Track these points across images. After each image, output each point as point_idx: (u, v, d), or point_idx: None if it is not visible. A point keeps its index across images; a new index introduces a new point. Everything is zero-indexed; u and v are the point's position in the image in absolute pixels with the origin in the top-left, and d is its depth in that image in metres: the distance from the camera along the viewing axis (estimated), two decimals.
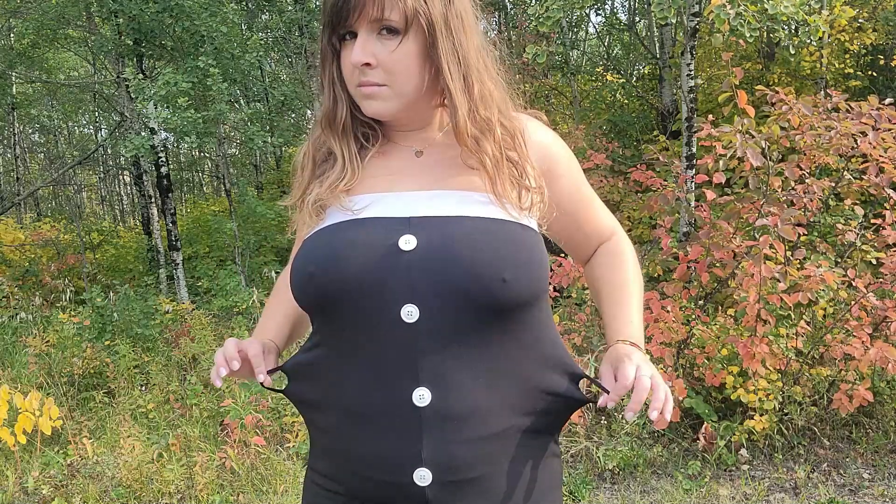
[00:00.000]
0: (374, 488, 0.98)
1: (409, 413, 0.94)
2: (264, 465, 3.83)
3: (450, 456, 0.95)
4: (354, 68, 0.98)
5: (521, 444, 1.00)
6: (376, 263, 0.94)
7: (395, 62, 0.97)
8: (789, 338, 3.86)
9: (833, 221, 4.90)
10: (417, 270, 0.94)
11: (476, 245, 0.94)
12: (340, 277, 0.95)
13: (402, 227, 0.96)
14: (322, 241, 1.00)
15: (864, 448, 3.75)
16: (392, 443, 0.95)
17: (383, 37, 0.97)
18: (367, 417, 0.97)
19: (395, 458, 0.95)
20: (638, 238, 6.33)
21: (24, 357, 5.61)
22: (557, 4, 5.23)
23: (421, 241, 0.94)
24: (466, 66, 1.00)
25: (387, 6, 0.95)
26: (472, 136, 1.00)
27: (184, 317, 6.68)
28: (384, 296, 0.94)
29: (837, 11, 5.31)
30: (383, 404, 0.96)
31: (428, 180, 1.03)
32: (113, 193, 18.81)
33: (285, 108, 9.07)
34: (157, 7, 7.51)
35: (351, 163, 1.06)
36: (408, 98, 1.01)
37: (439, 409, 0.94)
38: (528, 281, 0.95)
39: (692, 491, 3.47)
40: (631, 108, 9.56)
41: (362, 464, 0.98)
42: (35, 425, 3.63)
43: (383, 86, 0.99)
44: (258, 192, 12.08)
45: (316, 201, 1.04)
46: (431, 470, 0.94)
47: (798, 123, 3.75)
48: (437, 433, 0.94)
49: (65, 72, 15.11)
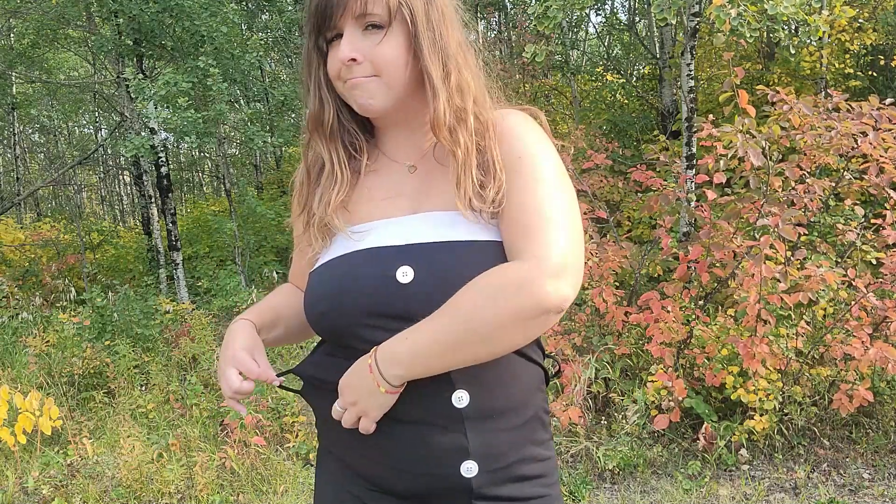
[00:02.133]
0: (418, 483, 1.03)
1: (450, 413, 1.00)
2: (264, 465, 3.83)
3: (492, 447, 1.02)
4: (342, 65, 1.02)
5: (534, 427, 1.08)
6: (379, 298, 1.00)
7: (381, 55, 1.01)
8: (789, 338, 3.86)
9: (833, 221, 4.90)
10: (416, 302, 0.99)
11: (463, 275, 0.96)
12: (348, 313, 1.02)
13: (399, 258, 1.01)
14: (328, 276, 1.06)
15: (864, 448, 3.75)
16: (438, 440, 1.01)
17: (368, 32, 1.01)
18: (407, 421, 1.02)
19: (442, 454, 1.01)
20: (638, 238, 6.34)
21: (24, 357, 5.61)
22: (557, 4, 5.23)
23: (417, 274, 0.99)
24: (446, 57, 1.03)
25: (372, 3, 0.99)
26: (447, 126, 1.03)
27: (184, 317, 6.67)
28: (390, 325, 0.99)
29: (838, 11, 5.31)
30: (423, 408, 1.01)
31: (421, 200, 1.07)
32: (113, 193, 18.81)
33: (285, 108, 9.05)
34: (158, 7, 7.51)
35: (340, 168, 1.10)
36: (397, 91, 1.04)
37: (478, 407, 1.01)
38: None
39: (692, 491, 3.47)
40: (631, 108, 9.57)
41: (406, 462, 1.03)
42: (35, 425, 3.63)
43: (372, 76, 1.02)
44: (258, 192, 12.07)
45: (320, 223, 1.09)
46: (477, 462, 1.01)
47: (798, 123, 3.75)
48: (478, 428, 1.01)
49: (65, 72, 15.11)
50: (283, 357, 5.42)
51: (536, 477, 1.08)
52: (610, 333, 4.31)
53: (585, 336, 4.35)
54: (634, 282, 4.73)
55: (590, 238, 4.37)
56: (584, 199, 4.55)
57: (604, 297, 4.12)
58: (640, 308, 3.98)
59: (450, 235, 1.01)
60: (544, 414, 1.11)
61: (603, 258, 4.23)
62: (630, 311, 4.06)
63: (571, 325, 4.45)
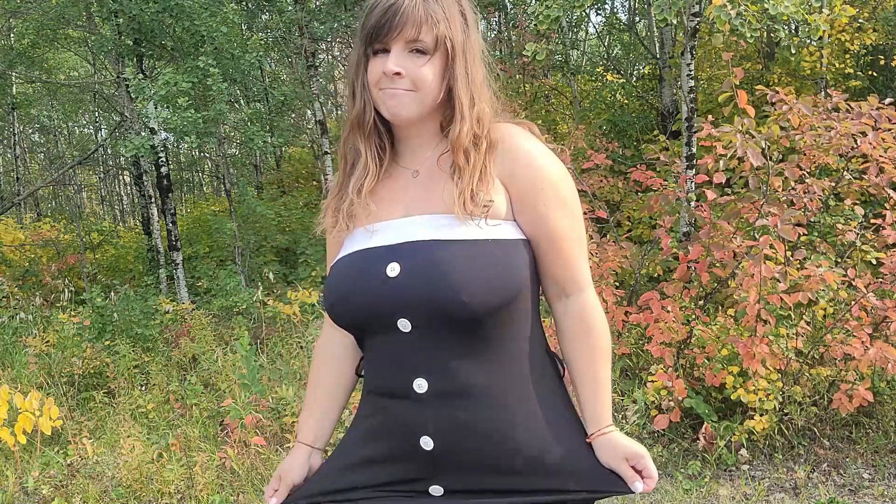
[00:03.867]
0: (396, 450, 1.25)
1: (413, 396, 1.21)
2: (264, 465, 3.83)
3: (448, 427, 1.20)
4: (383, 76, 1.20)
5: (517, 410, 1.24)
6: (372, 291, 1.20)
7: (422, 76, 1.19)
8: (789, 338, 3.86)
9: (833, 221, 4.90)
10: (403, 292, 1.17)
11: (444, 270, 1.15)
12: (352, 306, 1.23)
13: (390, 255, 1.20)
14: (338, 274, 1.27)
15: (864, 448, 3.75)
16: (404, 418, 1.22)
17: (413, 55, 1.19)
18: (388, 399, 1.25)
19: (408, 429, 1.22)
20: (638, 238, 6.34)
21: (24, 357, 5.61)
22: (557, 3, 5.23)
23: (403, 268, 1.18)
24: (474, 88, 1.23)
25: (423, 30, 1.18)
26: (464, 147, 1.21)
27: (184, 317, 6.67)
28: (383, 314, 1.20)
29: (838, 10, 5.31)
30: (395, 391, 1.23)
31: (419, 203, 1.24)
32: (113, 193, 18.82)
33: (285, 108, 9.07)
34: (158, 7, 7.50)
35: (373, 161, 1.28)
36: (425, 107, 1.22)
37: (437, 392, 1.20)
38: (487, 293, 1.15)
39: (692, 491, 3.48)
40: (631, 108, 9.56)
41: (388, 431, 1.26)
42: (35, 425, 3.63)
43: (409, 91, 1.20)
44: (258, 193, 12.07)
45: (349, 208, 1.28)
46: (433, 438, 1.21)
47: (798, 123, 3.75)
48: (436, 410, 1.20)
49: (65, 72, 15.10)
50: (283, 357, 5.42)
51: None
52: (610, 333, 4.31)
53: None
54: (634, 282, 4.74)
55: (590, 238, 4.37)
56: (584, 199, 4.55)
57: (604, 297, 4.12)
58: (640, 308, 3.98)
59: (435, 235, 1.19)
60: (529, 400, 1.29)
61: (603, 258, 4.23)
62: (630, 311, 4.06)
63: None
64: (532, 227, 1.22)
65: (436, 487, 1.24)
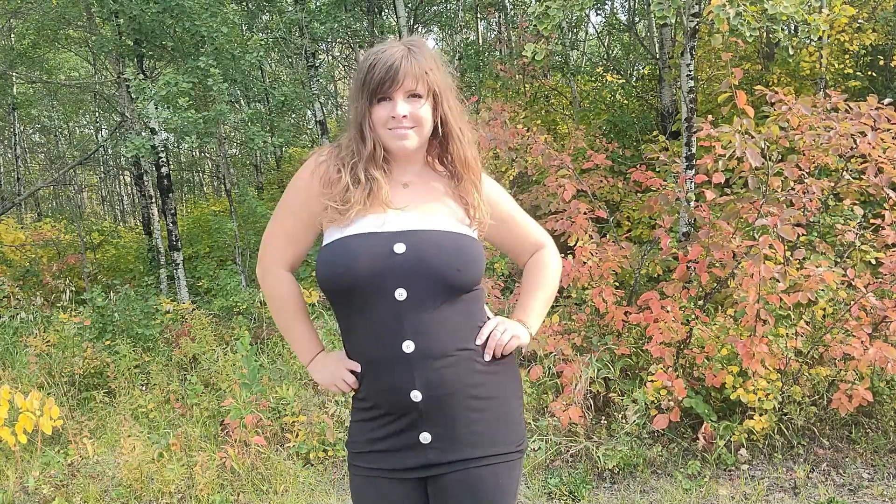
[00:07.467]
0: (391, 404, 1.54)
1: (402, 357, 1.50)
2: (264, 465, 3.84)
3: (432, 380, 1.51)
4: (391, 118, 1.53)
5: (476, 362, 1.57)
6: (380, 262, 1.49)
7: (421, 116, 1.56)
8: (789, 338, 3.87)
9: (832, 221, 4.90)
10: (406, 265, 1.49)
11: (442, 249, 1.52)
12: (358, 273, 1.49)
13: (396, 238, 1.52)
14: (344, 249, 1.52)
15: (863, 448, 3.76)
16: (397, 376, 1.51)
17: (411, 100, 1.54)
18: (379, 362, 1.53)
19: (399, 385, 1.51)
20: (637, 238, 6.34)
21: (25, 357, 5.61)
22: (557, 5, 5.23)
23: (408, 247, 1.51)
24: (460, 122, 1.62)
25: (419, 83, 1.53)
26: (466, 163, 1.63)
27: (184, 317, 6.67)
28: (385, 283, 1.49)
29: (837, 10, 5.31)
30: (386, 353, 1.51)
31: (414, 203, 1.59)
32: (113, 193, 18.82)
33: (285, 108, 9.05)
34: (158, 7, 7.51)
35: (384, 179, 1.58)
36: (421, 139, 1.59)
37: (422, 352, 1.50)
38: (473, 271, 1.54)
39: (692, 491, 3.48)
40: (631, 109, 9.55)
41: (381, 390, 1.54)
42: (36, 425, 3.63)
43: (412, 128, 1.55)
44: (258, 193, 12.06)
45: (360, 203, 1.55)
46: (421, 391, 1.50)
47: (797, 124, 3.76)
48: (422, 367, 1.50)
49: (65, 72, 15.09)
50: (284, 357, 5.43)
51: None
52: (610, 333, 4.32)
53: (585, 336, 4.36)
54: (634, 282, 4.74)
55: (590, 238, 4.38)
56: (584, 199, 4.55)
57: (604, 297, 4.13)
58: (639, 308, 3.99)
59: (431, 225, 1.55)
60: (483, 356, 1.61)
61: (603, 258, 4.24)
62: (630, 310, 4.07)
63: (571, 325, 4.46)
64: (495, 217, 1.68)
65: (425, 434, 1.53)
